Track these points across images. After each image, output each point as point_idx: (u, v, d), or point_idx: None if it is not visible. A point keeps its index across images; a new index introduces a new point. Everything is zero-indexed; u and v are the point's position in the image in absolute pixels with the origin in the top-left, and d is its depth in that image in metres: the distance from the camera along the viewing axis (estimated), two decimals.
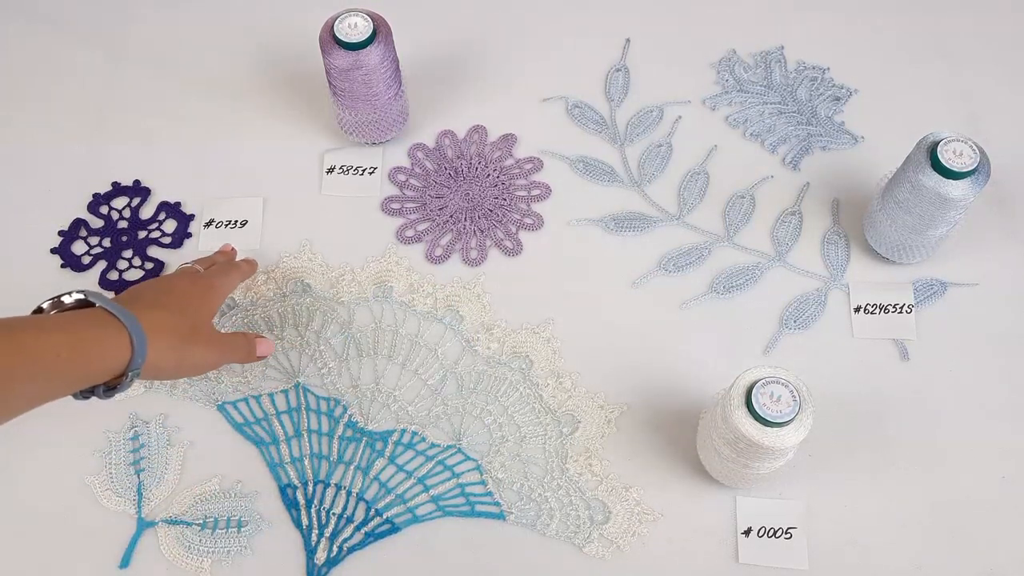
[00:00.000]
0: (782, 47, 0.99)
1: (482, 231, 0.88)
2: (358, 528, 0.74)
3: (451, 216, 0.88)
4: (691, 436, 0.77)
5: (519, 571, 0.73)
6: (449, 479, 0.76)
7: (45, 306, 0.64)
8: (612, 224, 0.88)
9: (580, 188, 0.90)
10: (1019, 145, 0.92)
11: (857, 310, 0.83)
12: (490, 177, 0.91)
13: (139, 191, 0.89)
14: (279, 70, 0.98)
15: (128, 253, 0.87)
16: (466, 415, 0.79)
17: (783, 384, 0.65)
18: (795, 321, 0.83)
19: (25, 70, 0.98)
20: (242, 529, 0.74)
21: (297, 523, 0.75)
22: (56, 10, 1.02)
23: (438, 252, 0.87)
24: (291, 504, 0.75)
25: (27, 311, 0.85)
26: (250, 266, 0.82)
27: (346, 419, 0.79)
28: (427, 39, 0.99)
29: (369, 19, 0.81)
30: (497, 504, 0.75)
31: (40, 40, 1.00)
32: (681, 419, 0.78)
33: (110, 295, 0.66)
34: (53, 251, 0.87)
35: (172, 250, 0.87)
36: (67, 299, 0.64)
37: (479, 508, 0.75)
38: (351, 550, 0.74)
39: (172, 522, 0.74)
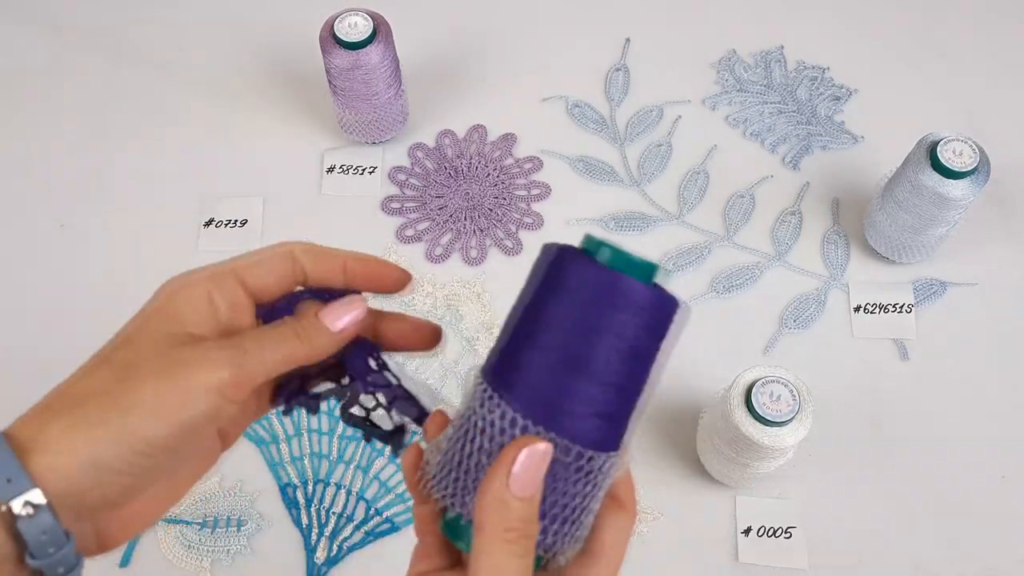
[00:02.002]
0: (782, 47, 0.99)
1: (482, 230, 0.88)
2: (358, 527, 0.74)
3: (451, 215, 0.89)
4: (691, 436, 0.77)
5: None
6: None
7: None
8: (612, 224, 0.88)
9: (580, 188, 0.90)
10: (1019, 145, 0.92)
11: (857, 310, 0.83)
12: (490, 177, 0.91)
13: None
14: (279, 70, 0.98)
15: None
16: None
17: (783, 384, 0.65)
18: (795, 321, 0.83)
19: (25, 70, 0.98)
20: (242, 528, 0.74)
21: (297, 522, 0.75)
22: (56, 10, 1.02)
23: (438, 251, 0.87)
24: (291, 503, 0.75)
25: (31, 311, 0.85)
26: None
27: None
28: (427, 39, 0.99)
29: (369, 19, 0.81)
30: None
31: (40, 40, 1.00)
32: (681, 419, 0.78)
33: None
34: None
35: None
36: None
37: None
38: (351, 549, 0.74)
39: (172, 521, 0.74)
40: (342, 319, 0.38)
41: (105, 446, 0.34)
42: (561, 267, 0.36)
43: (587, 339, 0.36)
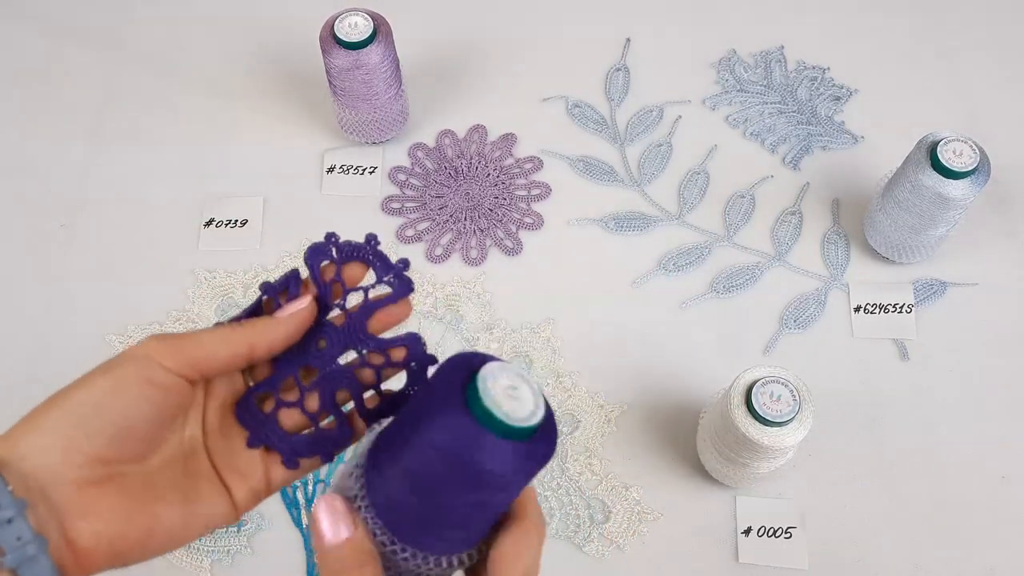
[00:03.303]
0: (782, 47, 0.99)
1: (482, 230, 0.88)
2: None
3: (451, 215, 0.89)
4: (691, 436, 0.77)
5: None
6: None
7: None
8: (612, 224, 0.88)
9: (580, 188, 0.90)
10: (1019, 145, 0.92)
11: (857, 310, 0.83)
12: (490, 177, 0.91)
13: None
14: (279, 70, 0.98)
15: None
16: None
17: (783, 383, 0.65)
18: (795, 321, 0.83)
19: (25, 70, 0.98)
20: (242, 528, 0.74)
21: (297, 522, 0.75)
22: (55, 10, 1.02)
23: (438, 251, 0.87)
24: (291, 503, 0.75)
25: (31, 311, 0.85)
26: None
27: None
28: (427, 39, 0.99)
29: (369, 19, 0.81)
30: None
31: (39, 40, 1.00)
32: (681, 419, 0.78)
33: None
34: None
35: None
36: None
37: None
38: None
39: None
40: (287, 309, 0.42)
41: (43, 414, 0.37)
42: (437, 417, 0.35)
43: (451, 501, 0.36)
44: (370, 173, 0.91)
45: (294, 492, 0.76)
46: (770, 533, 0.74)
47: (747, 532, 0.74)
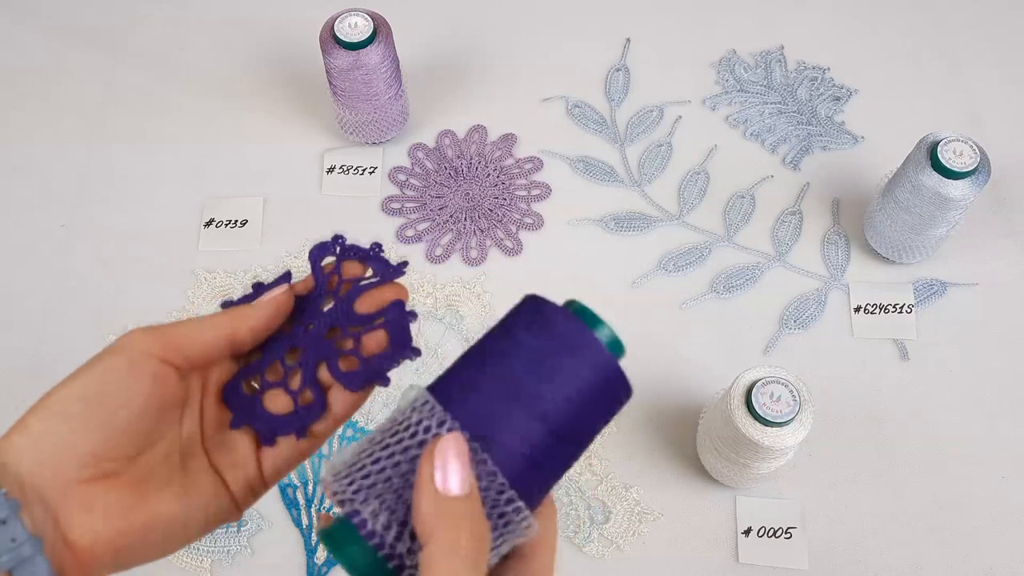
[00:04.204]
0: (782, 47, 0.99)
1: (482, 231, 0.88)
2: None
3: (451, 216, 0.89)
4: (691, 436, 0.77)
5: None
6: None
7: None
8: (612, 224, 0.88)
9: (580, 188, 0.90)
10: (1019, 145, 0.92)
11: (857, 310, 0.83)
12: (490, 177, 0.91)
13: None
14: (279, 70, 0.98)
15: None
16: None
17: (783, 384, 0.65)
18: (795, 321, 0.83)
19: (25, 70, 0.98)
20: (242, 529, 0.74)
21: (297, 523, 0.75)
22: (56, 10, 1.02)
23: (438, 252, 0.87)
24: (291, 504, 0.75)
25: (31, 311, 0.85)
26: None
27: None
28: (427, 39, 0.99)
29: (369, 19, 0.81)
30: None
31: (40, 40, 1.00)
32: (681, 419, 0.78)
33: None
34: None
35: None
36: None
37: None
38: None
39: None
40: (266, 295, 0.42)
41: (35, 415, 0.37)
42: (555, 320, 0.38)
43: (550, 384, 0.36)
44: (370, 173, 0.91)
45: (294, 492, 0.76)
46: (770, 533, 0.74)
47: (747, 532, 0.74)
